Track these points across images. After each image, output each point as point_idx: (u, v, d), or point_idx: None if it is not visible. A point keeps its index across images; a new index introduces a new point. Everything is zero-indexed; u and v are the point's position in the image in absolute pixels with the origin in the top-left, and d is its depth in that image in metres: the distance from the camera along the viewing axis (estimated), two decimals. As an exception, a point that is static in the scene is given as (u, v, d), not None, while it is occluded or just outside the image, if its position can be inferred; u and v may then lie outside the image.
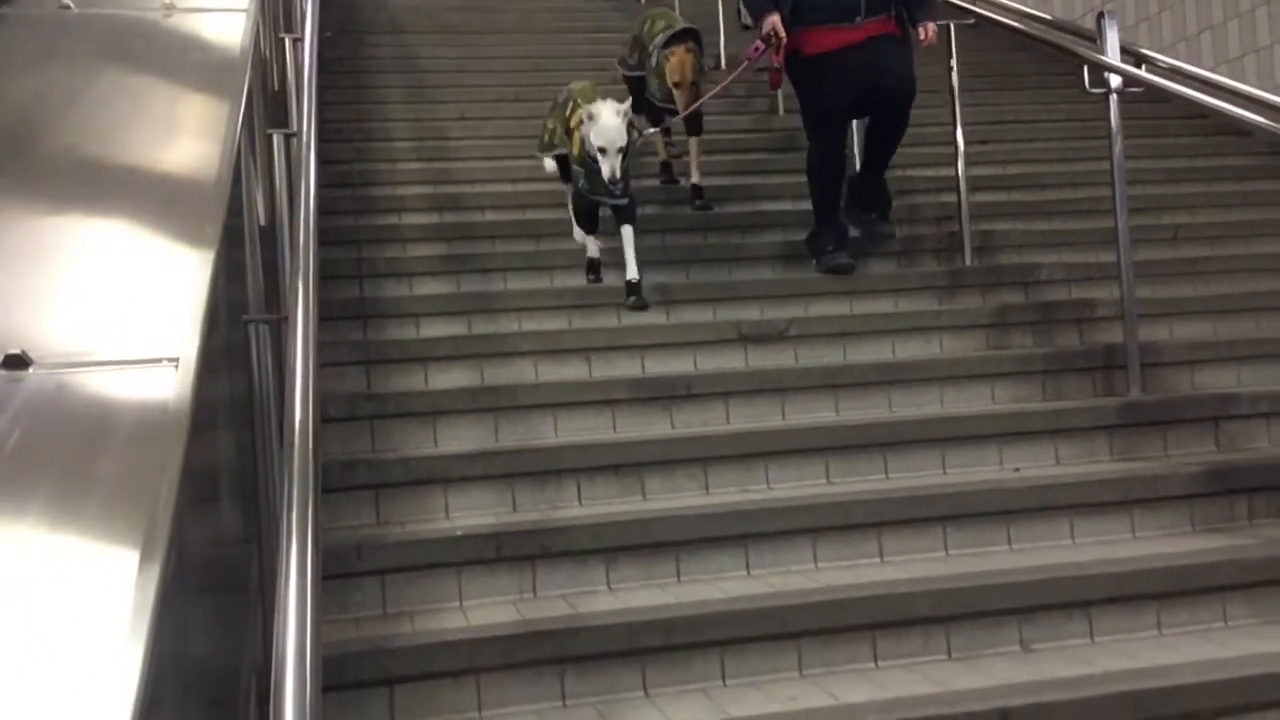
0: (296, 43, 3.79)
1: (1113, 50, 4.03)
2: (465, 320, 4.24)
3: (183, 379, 1.60)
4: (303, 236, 2.30)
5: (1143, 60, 4.50)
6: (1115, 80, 4.00)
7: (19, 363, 1.61)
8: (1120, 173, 3.99)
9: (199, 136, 2.48)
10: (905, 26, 4.55)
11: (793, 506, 3.23)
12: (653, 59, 5.04)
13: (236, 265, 2.40)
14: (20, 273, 1.94)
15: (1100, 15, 4.17)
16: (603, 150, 4.07)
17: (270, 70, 3.81)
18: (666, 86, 4.96)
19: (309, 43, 3.38)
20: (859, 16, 4.43)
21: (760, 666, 2.72)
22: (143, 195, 2.24)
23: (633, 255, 4.23)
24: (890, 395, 3.90)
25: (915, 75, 4.53)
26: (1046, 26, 5.90)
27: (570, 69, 6.50)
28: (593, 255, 4.41)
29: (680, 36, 4.97)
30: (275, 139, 3.16)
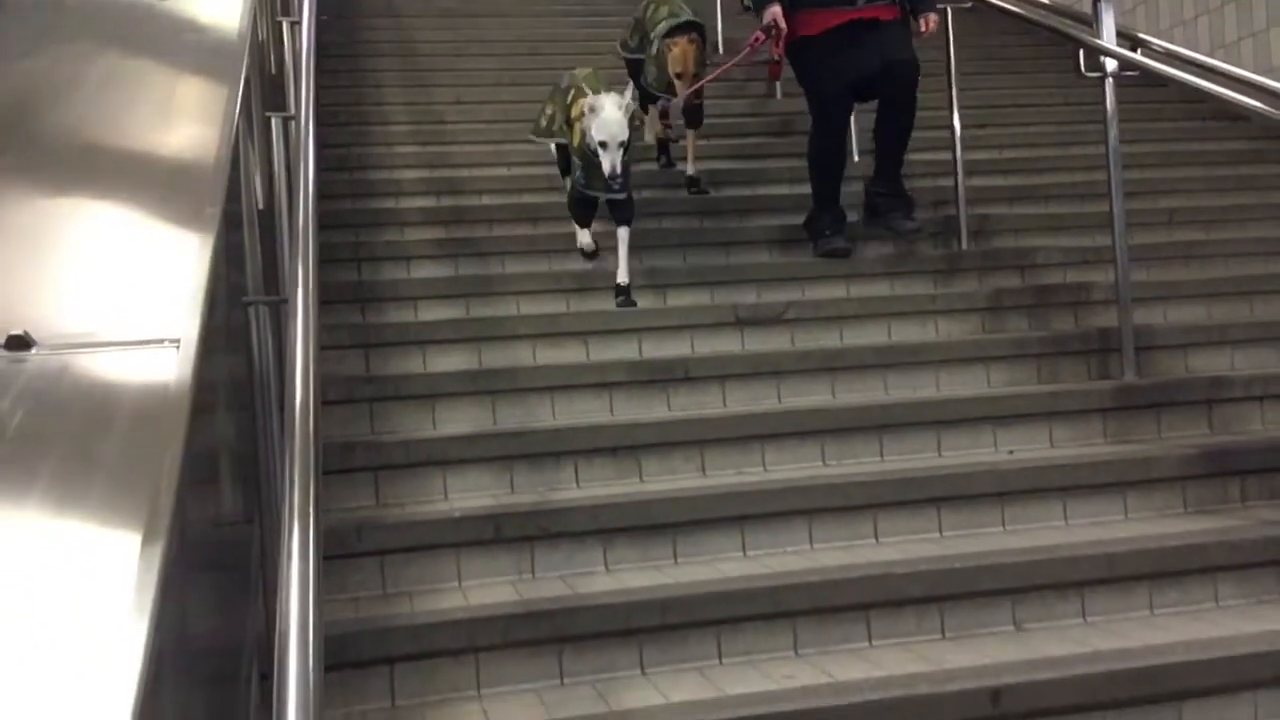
0: (294, 26, 3.79)
1: (1108, 34, 4.03)
2: (463, 303, 4.26)
3: (184, 360, 1.61)
4: (302, 219, 2.31)
5: (1138, 44, 4.51)
6: (1111, 64, 4.00)
7: (21, 343, 1.61)
8: (1116, 157, 4.00)
9: (198, 120, 2.49)
10: (906, 11, 4.54)
11: (789, 488, 3.26)
12: (653, 46, 4.99)
13: (235, 248, 2.41)
14: (22, 255, 1.95)
15: (1096, -1, 4.17)
16: (604, 145, 4.01)
17: (268, 54, 3.81)
18: (665, 76, 4.92)
19: (306, 26, 3.38)
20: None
21: (756, 646, 2.75)
22: (143, 178, 2.25)
23: (625, 259, 4.20)
24: (886, 378, 3.92)
25: (917, 62, 4.52)
26: (1043, 10, 5.88)
27: (568, 53, 6.51)
28: (585, 245, 4.41)
29: (684, 28, 4.92)
30: (274, 122, 3.16)
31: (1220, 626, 2.83)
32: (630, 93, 4.24)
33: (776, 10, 4.45)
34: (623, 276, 4.20)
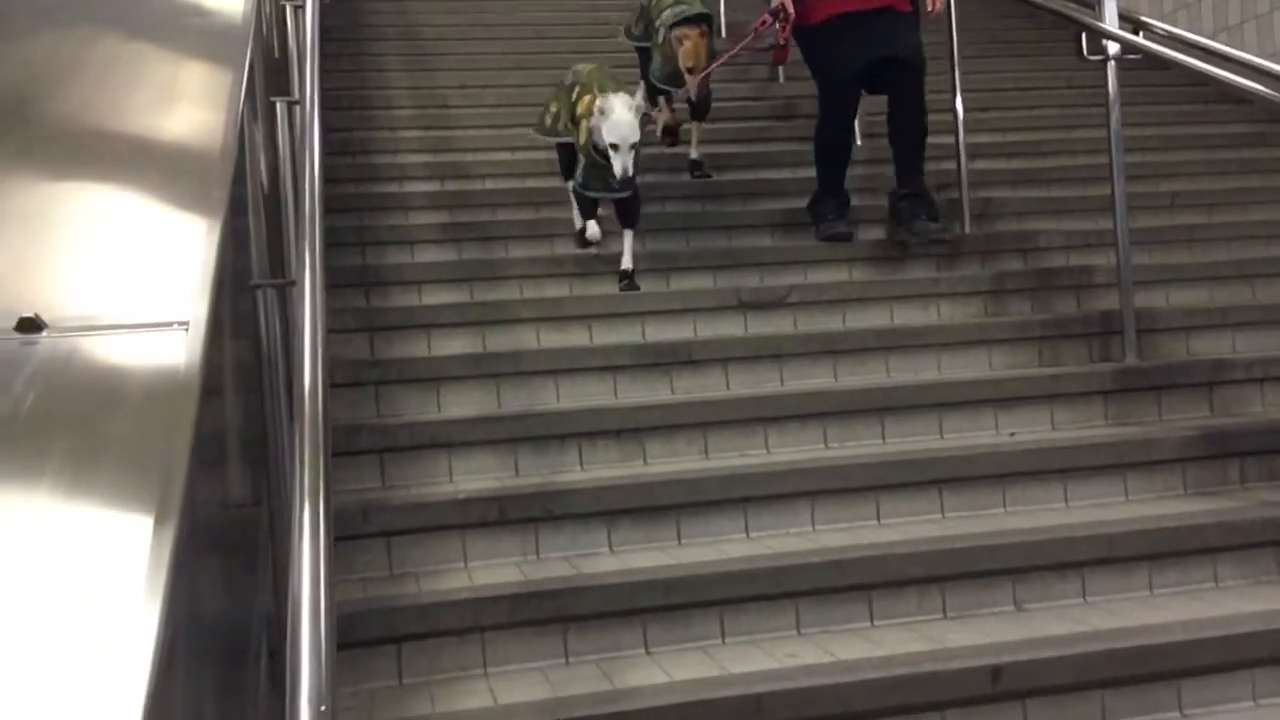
0: (298, 10, 3.79)
1: (1110, 17, 4.02)
2: (467, 288, 4.27)
3: (193, 342, 1.62)
4: (309, 203, 2.33)
5: (1141, 27, 4.50)
6: (1113, 48, 4.00)
7: (33, 326, 1.63)
8: (1117, 140, 4.01)
9: (203, 104, 2.50)
10: (915, 2, 4.49)
11: (791, 470, 3.28)
12: (659, 35, 4.93)
13: (241, 232, 2.42)
14: (31, 238, 1.96)
15: (1099, -20, 4.16)
16: (614, 147, 3.96)
17: (271, 37, 3.82)
18: (669, 66, 4.86)
19: (310, 9, 3.38)
20: None
21: (759, 626, 2.77)
22: (149, 162, 2.26)
23: (630, 250, 4.20)
24: (888, 361, 3.94)
25: (923, 53, 4.48)
26: (1046, -8, 5.86)
27: (572, 36, 6.52)
28: (592, 235, 4.26)
29: (694, 20, 4.83)
30: (279, 107, 3.17)
31: (1219, 606, 2.85)
32: (641, 94, 4.18)
33: None
34: (627, 264, 4.20)
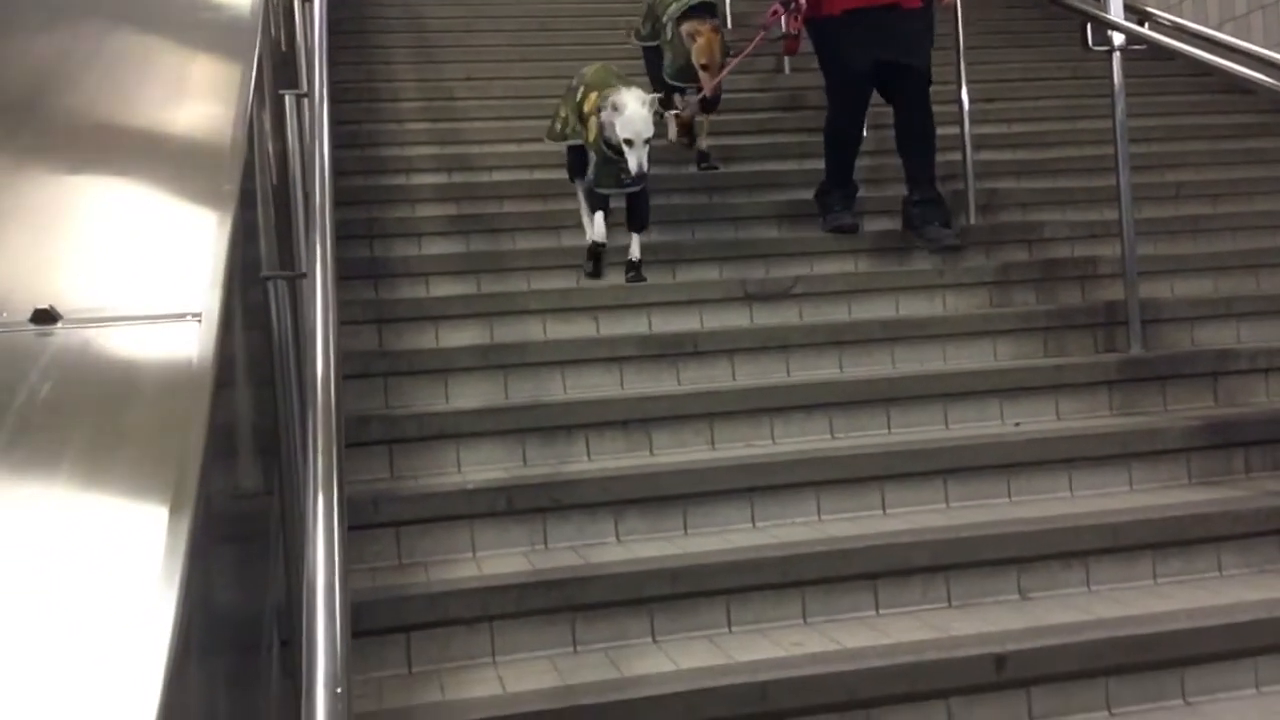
0: (306, 3, 3.81)
1: (1116, 8, 4.03)
2: (475, 279, 4.29)
3: (206, 334, 1.63)
4: (319, 195, 2.34)
5: (1146, 18, 4.48)
6: (1118, 38, 4.01)
7: (48, 317, 1.64)
8: (1122, 131, 4.01)
9: (213, 98, 2.51)
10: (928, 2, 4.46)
11: (797, 460, 3.30)
12: (667, 31, 4.89)
13: (252, 225, 2.44)
14: (45, 231, 1.98)
15: (1104, -29, 4.16)
16: (629, 142, 3.93)
17: (279, 31, 3.83)
18: (680, 62, 4.83)
19: (319, 2, 3.39)
20: None
21: (765, 614, 2.80)
22: (160, 156, 2.27)
23: (638, 242, 4.19)
24: (894, 352, 3.95)
25: (930, 67, 4.48)
26: (1052, -17, 5.86)
27: (577, 28, 6.53)
28: (597, 238, 4.17)
29: (699, 11, 4.80)
30: (287, 100, 3.19)
31: (1223, 595, 2.87)
32: (654, 96, 4.13)
33: None
34: (634, 254, 4.21)
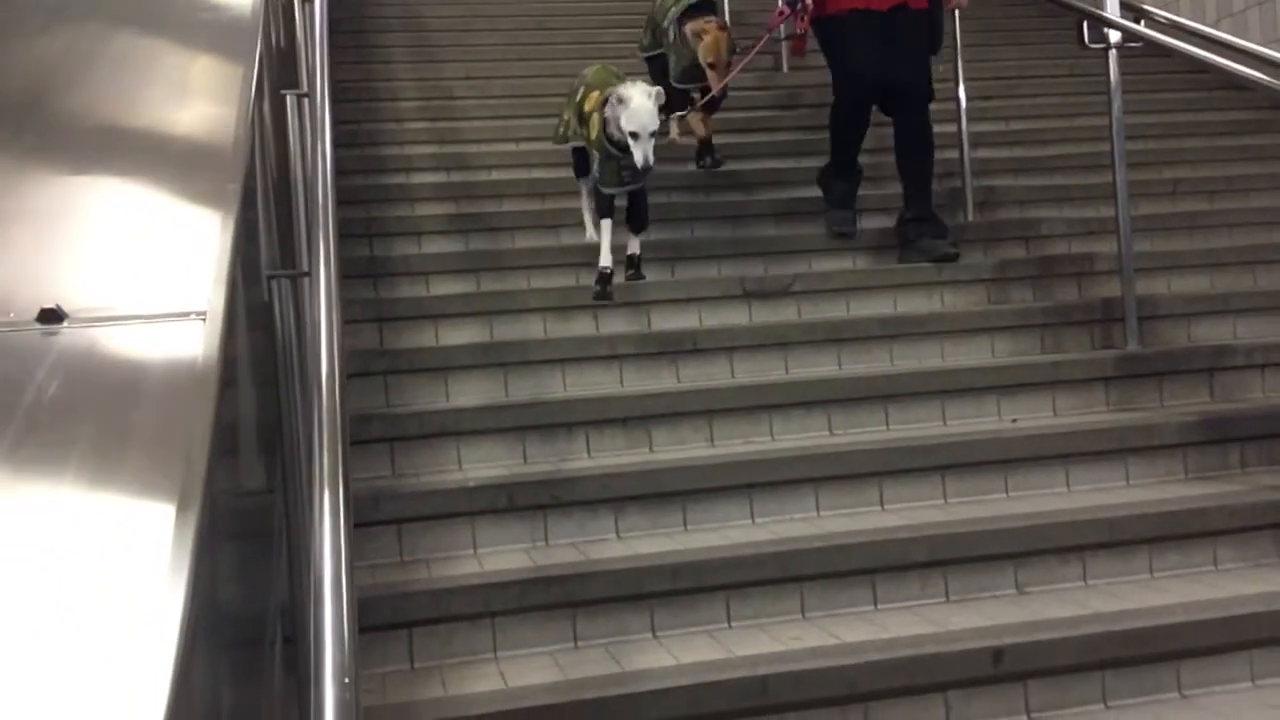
0: (305, 2, 3.82)
1: (1112, 5, 4.05)
2: (474, 278, 4.31)
3: (211, 332, 1.65)
4: (321, 194, 2.36)
5: (1142, 15, 4.50)
6: (1115, 36, 4.03)
7: (54, 317, 1.65)
8: (1119, 128, 4.03)
9: (215, 98, 2.53)
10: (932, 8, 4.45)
11: (796, 457, 3.32)
12: (669, 35, 4.85)
13: (254, 224, 2.45)
14: (49, 231, 1.99)
15: (1101, -31, 4.18)
16: (634, 135, 3.83)
17: (279, 31, 3.85)
18: (684, 63, 4.78)
19: (319, 2, 3.41)
20: None
21: (764, 610, 2.82)
22: (162, 156, 2.29)
23: (638, 241, 4.17)
24: (892, 349, 3.97)
25: (932, 75, 4.48)
26: (1049, -19, 5.88)
27: (574, 27, 6.54)
28: (604, 261, 4.03)
29: (700, 10, 4.77)
30: (288, 100, 3.20)
31: (1219, 589, 2.89)
32: (659, 89, 4.07)
33: None
34: (634, 249, 4.22)
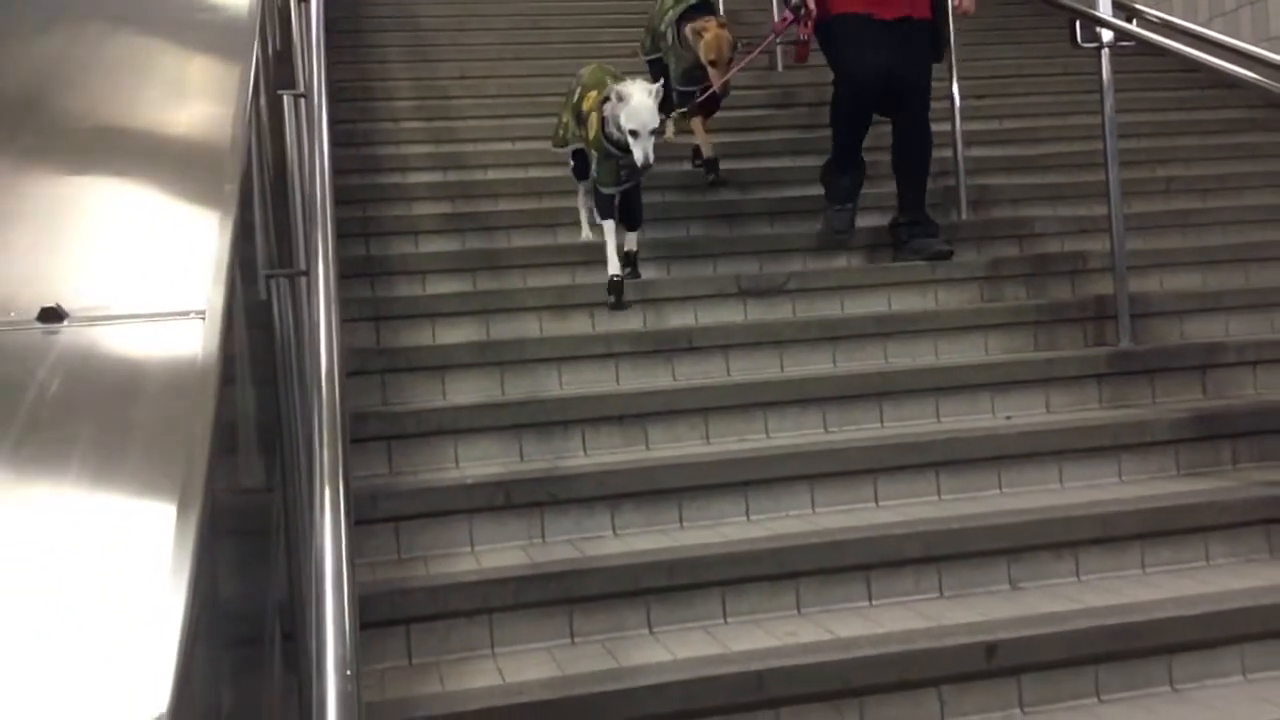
0: (302, 3, 3.83)
1: (1104, 5, 4.07)
2: (470, 277, 4.32)
3: (210, 331, 1.66)
4: (319, 194, 2.38)
5: (1134, 14, 4.53)
6: (1107, 35, 4.05)
7: (54, 315, 1.67)
8: (1111, 127, 4.05)
9: (212, 98, 2.54)
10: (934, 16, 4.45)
11: (791, 454, 3.34)
12: (667, 37, 4.84)
13: (251, 223, 2.47)
14: (49, 231, 2.00)
15: (1093, -32, 4.20)
16: (634, 133, 3.80)
17: (276, 31, 3.86)
18: (684, 65, 4.77)
19: (316, 2, 3.42)
20: None
21: (760, 605, 2.84)
22: (161, 155, 2.30)
23: (633, 239, 4.18)
24: (886, 347, 3.99)
25: (930, 81, 4.50)
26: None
27: (569, 25, 6.55)
28: (614, 272, 4.01)
29: (699, 10, 4.75)
30: (285, 100, 3.22)
31: (1210, 584, 2.92)
32: (659, 83, 4.09)
33: None
34: (629, 246, 4.23)
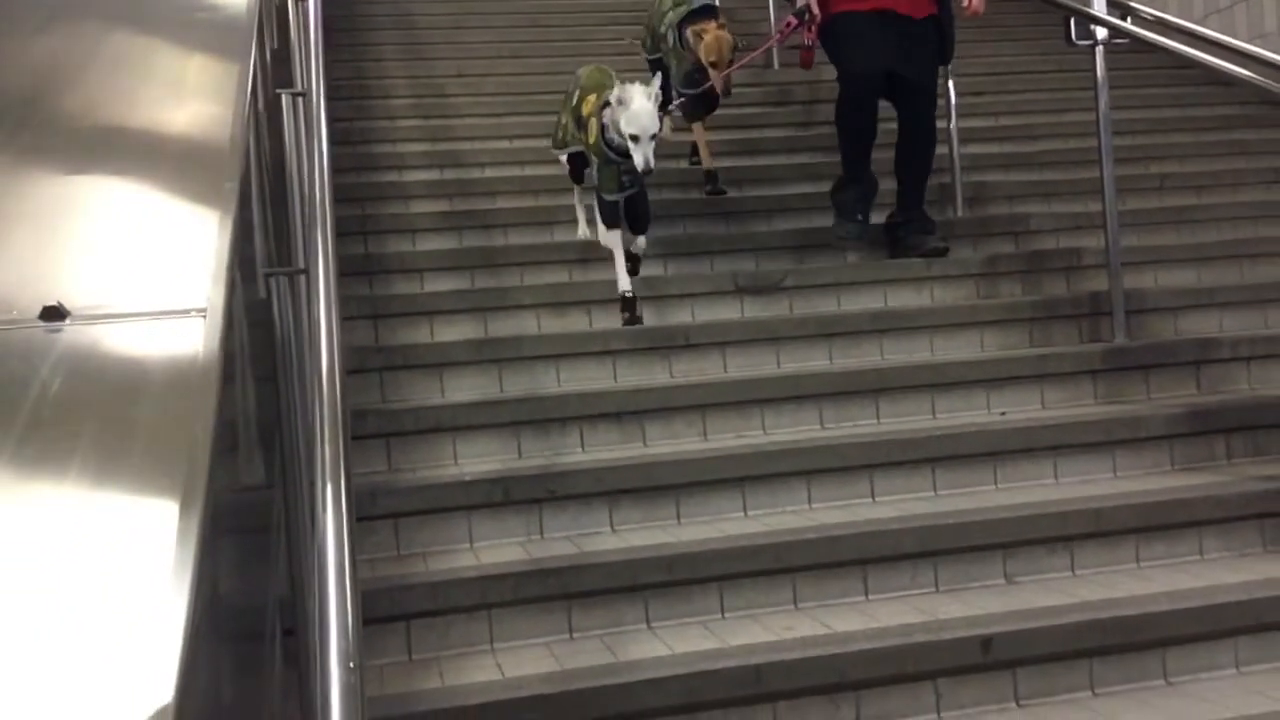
0: (300, 1, 3.84)
1: (1099, 2, 4.08)
2: (468, 275, 4.34)
3: (211, 329, 1.67)
4: (319, 193, 2.39)
5: (1128, 12, 4.55)
6: (1101, 32, 4.06)
7: (56, 314, 1.68)
8: (1106, 124, 4.07)
9: (212, 97, 2.55)
10: (940, 14, 4.44)
11: (788, 450, 3.36)
12: (668, 40, 4.83)
13: (251, 222, 2.48)
14: (50, 230, 2.01)
15: (1087, -34, 4.21)
16: (635, 138, 3.74)
17: (274, 30, 3.87)
18: (685, 67, 4.75)
19: (314, 1, 3.43)
20: None
21: (757, 600, 2.85)
22: (161, 154, 2.31)
23: (642, 239, 4.15)
24: (883, 343, 4.01)
25: (936, 81, 4.50)
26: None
27: (566, 24, 6.56)
28: (624, 288, 3.94)
29: (700, 14, 4.73)
30: (284, 98, 3.23)
31: (1204, 578, 2.94)
32: (657, 84, 4.02)
33: None
34: (639, 245, 4.18)
